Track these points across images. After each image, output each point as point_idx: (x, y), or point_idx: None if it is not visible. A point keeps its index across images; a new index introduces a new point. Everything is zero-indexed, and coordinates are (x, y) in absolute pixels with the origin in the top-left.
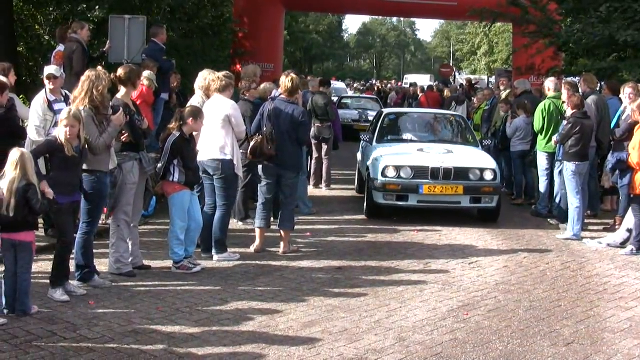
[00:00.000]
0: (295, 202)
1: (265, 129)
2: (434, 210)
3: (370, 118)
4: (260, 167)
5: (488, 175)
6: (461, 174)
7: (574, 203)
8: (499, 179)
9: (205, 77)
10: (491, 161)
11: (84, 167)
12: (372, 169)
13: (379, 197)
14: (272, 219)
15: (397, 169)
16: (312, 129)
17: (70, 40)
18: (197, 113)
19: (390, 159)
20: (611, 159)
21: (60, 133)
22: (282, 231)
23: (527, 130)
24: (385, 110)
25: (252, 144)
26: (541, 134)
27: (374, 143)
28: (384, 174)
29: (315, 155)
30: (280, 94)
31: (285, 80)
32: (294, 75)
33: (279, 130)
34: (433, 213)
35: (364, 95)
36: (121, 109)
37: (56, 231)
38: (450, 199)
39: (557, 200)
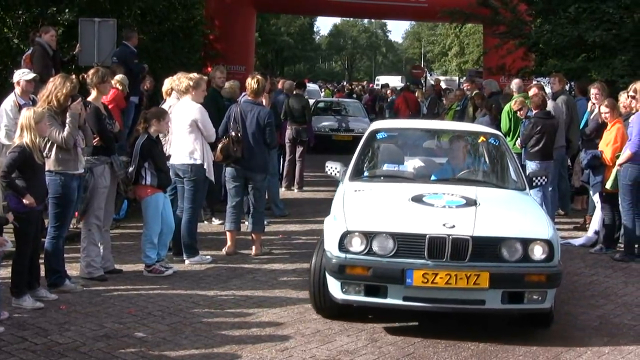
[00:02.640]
0: (264, 204)
1: (231, 130)
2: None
3: (352, 127)
4: (227, 169)
5: (537, 252)
6: (486, 249)
7: None
8: (556, 257)
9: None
10: (543, 224)
11: (50, 168)
12: (326, 233)
13: (335, 287)
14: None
15: (368, 237)
16: (289, 131)
17: (34, 44)
18: (160, 114)
19: (357, 216)
20: (585, 156)
21: (34, 136)
22: (253, 234)
23: None
24: (373, 126)
25: (219, 146)
26: (508, 135)
27: (346, 180)
28: (342, 246)
29: (288, 156)
30: (246, 96)
31: (251, 82)
32: (260, 77)
33: (246, 132)
34: None
35: (346, 99)
36: (80, 98)
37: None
38: (464, 295)
39: None
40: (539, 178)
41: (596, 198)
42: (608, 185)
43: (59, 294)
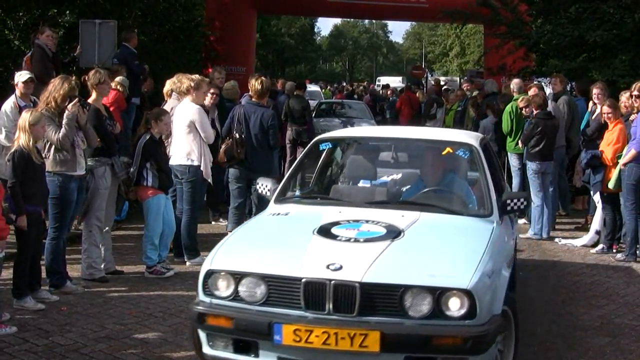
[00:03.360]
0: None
1: (235, 132)
2: None
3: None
4: (231, 170)
5: (452, 306)
6: (380, 299)
7: (534, 202)
8: (482, 313)
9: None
10: (468, 267)
11: (49, 169)
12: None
13: (203, 338)
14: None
15: (235, 278)
16: (289, 132)
17: (34, 46)
18: (160, 115)
19: (228, 251)
20: (585, 155)
21: (28, 139)
22: None
23: (494, 130)
24: (320, 136)
25: (223, 147)
26: (510, 136)
27: (272, 201)
28: (206, 288)
29: (288, 157)
30: (249, 97)
31: (255, 83)
32: (263, 78)
33: (249, 133)
34: None
35: (352, 100)
36: (77, 99)
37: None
38: (356, 359)
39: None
40: (514, 201)
41: (597, 198)
42: (610, 185)
43: (60, 295)
